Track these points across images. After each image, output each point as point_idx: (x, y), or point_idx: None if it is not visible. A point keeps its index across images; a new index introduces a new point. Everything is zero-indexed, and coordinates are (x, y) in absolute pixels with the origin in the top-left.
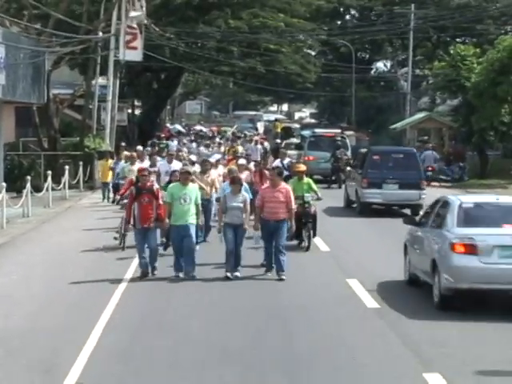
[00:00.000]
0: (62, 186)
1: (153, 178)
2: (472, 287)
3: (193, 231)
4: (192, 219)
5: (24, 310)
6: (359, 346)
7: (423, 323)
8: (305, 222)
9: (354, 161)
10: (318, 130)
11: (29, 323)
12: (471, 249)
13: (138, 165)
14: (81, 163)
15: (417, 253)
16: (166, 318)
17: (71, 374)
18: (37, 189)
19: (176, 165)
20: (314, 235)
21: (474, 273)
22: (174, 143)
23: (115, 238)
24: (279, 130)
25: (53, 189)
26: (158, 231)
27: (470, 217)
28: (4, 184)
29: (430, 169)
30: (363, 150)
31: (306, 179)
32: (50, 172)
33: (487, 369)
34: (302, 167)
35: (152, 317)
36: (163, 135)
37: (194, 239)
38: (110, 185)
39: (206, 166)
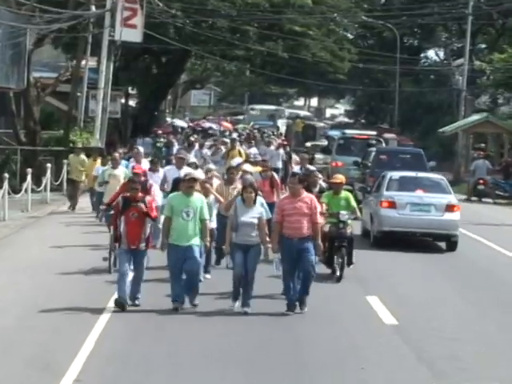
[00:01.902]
0: (42, 187)
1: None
2: (392, 230)
3: (197, 254)
4: (196, 239)
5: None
6: (370, 358)
7: (441, 340)
8: (338, 245)
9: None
10: (349, 131)
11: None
12: (392, 205)
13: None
14: (65, 161)
15: (365, 211)
16: (153, 356)
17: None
18: (12, 190)
19: (187, 171)
20: (350, 263)
21: (393, 220)
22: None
23: (105, 259)
24: (299, 130)
25: (32, 190)
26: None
27: (395, 185)
28: None
29: (481, 182)
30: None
31: (343, 193)
32: (29, 170)
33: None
34: (340, 178)
35: (137, 354)
36: (160, 132)
37: (199, 262)
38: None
39: (232, 174)
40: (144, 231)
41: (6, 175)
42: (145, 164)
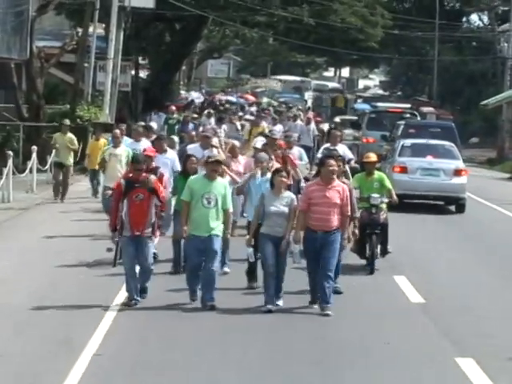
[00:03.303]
0: (47, 167)
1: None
2: (404, 193)
3: (217, 246)
4: (218, 230)
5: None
6: (395, 334)
7: (467, 317)
8: (370, 233)
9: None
10: (382, 105)
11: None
12: (403, 170)
13: (141, 144)
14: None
15: None
16: (166, 356)
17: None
18: (14, 169)
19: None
20: (385, 253)
21: (404, 184)
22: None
23: (109, 250)
24: (341, 106)
25: (37, 170)
26: (156, 241)
27: (407, 151)
28: None
29: None
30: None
31: (376, 174)
32: (35, 147)
33: None
34: (373, 157)
35: (155, 332)
36: (174, 107)
37: (219, 258)
38: (101, 175)
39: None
40: (150, 215)
41: (11, 153)
42: (145, 143)
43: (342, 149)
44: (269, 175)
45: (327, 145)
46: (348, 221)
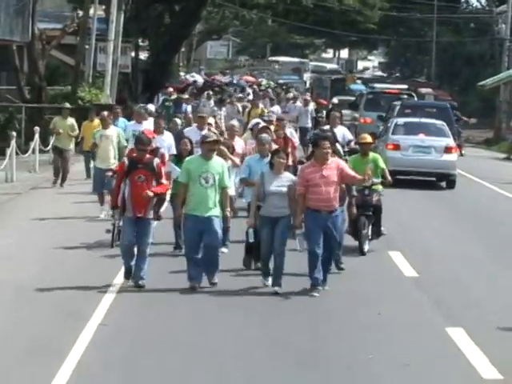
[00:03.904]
0: (50, 147)
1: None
2: (396, 169)
3: (218, 227)
4: (216, 210)
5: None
6: (388, 305)
7: (458, 289)
8: (361, 214)
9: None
10: (379, 85)
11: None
12: (396, 147)
13: (143, 126)
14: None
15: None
16: (170, 337)
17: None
18: (17, 149)
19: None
20: (378, 235)
21: (397, 160)
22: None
23: (108, 231)
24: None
25: (39, 150)
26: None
27: (400, 129)
28: None
29: None
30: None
31: (371, 155)
32: (37, 128)
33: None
34: (368, 138)
35: (149, 327)
36: (171, 89)
37: (220, 236)
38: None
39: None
40: (152, 197)
41: (14, 133)
42: (148, 125)
43: (342, 130)
44: (269, 157)
45: (327, 126)
46: (357, 181)
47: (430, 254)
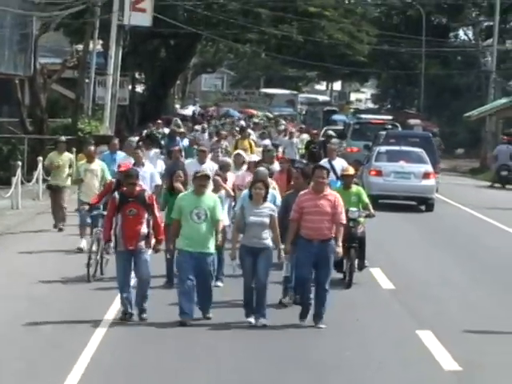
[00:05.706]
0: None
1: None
2: (379, 194)
3: (210, 262)
4: (210, 245)
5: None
6: (365, 313)
7: (429, 299)
8: (348, 246)
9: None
10: (365, 116)
11: None
12: (378, 173)
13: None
14: (73, 150)
15: (361, 180)
16: (157, 374)
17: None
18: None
19: (210, 166)
20: (362, 267)
21: (379, 186)
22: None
23: (79, 250)
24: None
25: (42, 180)
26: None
27: (382, 156)
28: None
29: (504, 168)
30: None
31: (354, 187)
32: (40, 158)
33: (474, 328)
34: (350, 170)
35: (139, 372)
36: (159, 121)
37: (212, 272)
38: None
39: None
40: (142, 229)
41: (19, 163)
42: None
43: (341, 163)
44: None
45: (325, 160)
46: (343, 229)
47: (408, 270)
